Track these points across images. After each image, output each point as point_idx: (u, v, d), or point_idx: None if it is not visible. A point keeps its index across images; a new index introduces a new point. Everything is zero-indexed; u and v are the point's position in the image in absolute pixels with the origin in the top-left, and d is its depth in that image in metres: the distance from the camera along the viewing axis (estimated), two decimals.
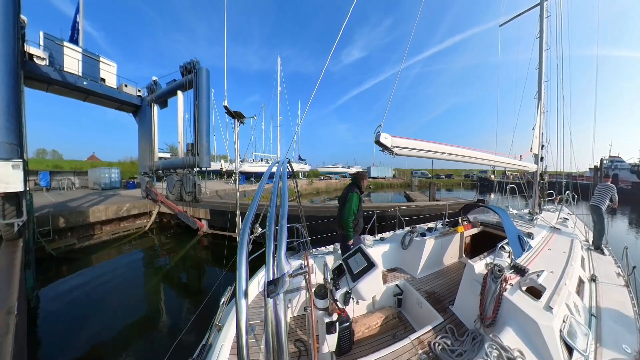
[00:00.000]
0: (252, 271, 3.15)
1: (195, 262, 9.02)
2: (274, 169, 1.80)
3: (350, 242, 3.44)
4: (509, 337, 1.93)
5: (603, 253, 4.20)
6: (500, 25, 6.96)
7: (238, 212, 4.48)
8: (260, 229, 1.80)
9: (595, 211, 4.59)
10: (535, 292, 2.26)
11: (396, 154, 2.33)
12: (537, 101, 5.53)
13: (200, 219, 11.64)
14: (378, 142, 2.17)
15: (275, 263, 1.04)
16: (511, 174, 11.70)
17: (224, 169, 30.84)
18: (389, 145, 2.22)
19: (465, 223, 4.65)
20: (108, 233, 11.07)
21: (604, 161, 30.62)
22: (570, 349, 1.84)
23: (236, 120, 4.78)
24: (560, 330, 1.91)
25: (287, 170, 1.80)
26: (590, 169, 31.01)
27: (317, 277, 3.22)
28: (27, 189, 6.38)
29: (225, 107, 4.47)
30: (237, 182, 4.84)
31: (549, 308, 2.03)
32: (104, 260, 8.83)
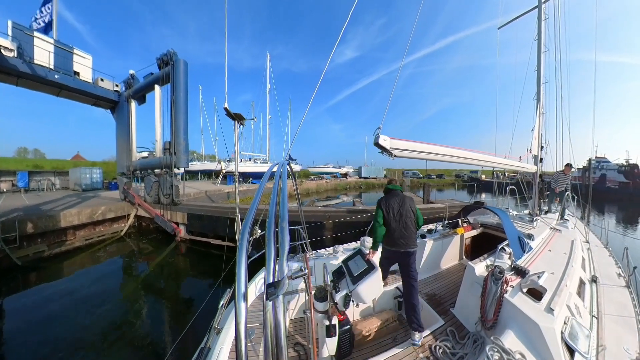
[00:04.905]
0: (250, 274, 3.13)
1: (173, 270, 8.44)
2: (274, 170, 1.79)
3: None
4: (510, 340, 1.92)
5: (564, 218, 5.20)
6: (498, 28, 7.01)
7: (238, 214, 4.46)
8: (259, 231, 1.79)
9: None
10: (536, 293, 2.25)
11: (395, 156, 2.32)
12: (536, 103, 5.55)
13: (177, 224, 10.79)
14: (377, 144, 2.17)
15: (276, 266, 1.03)
16: (501, 174, 11.62)
17: (223, 169, 30.46)
18: (388, 147, 2.21)
19: (465, 224, 4.64)
20: (81, 239, 10.22)
21: (592, 162, 31.24)
22: (571, 351, 1.83)
23: (236, 122, 4.76)
24: (562, 332, 1.89)
25: (287, 172, 1.79)
26: (578, 169, 31.77)
27: (316, 280, 3.20)
28: None
29: (225, 109, 4.45)
30: (236, 184, 4.78)
31: (550, 310, 2.02)
32: (76, 268, 8.23)
